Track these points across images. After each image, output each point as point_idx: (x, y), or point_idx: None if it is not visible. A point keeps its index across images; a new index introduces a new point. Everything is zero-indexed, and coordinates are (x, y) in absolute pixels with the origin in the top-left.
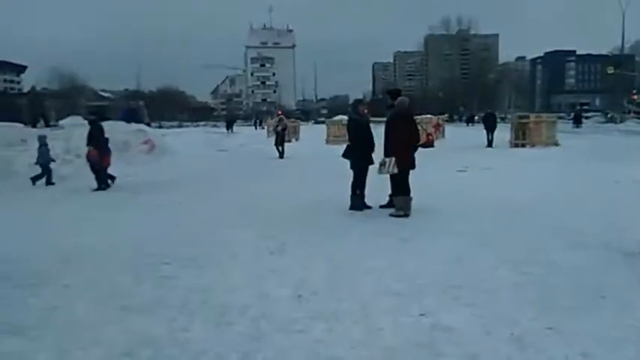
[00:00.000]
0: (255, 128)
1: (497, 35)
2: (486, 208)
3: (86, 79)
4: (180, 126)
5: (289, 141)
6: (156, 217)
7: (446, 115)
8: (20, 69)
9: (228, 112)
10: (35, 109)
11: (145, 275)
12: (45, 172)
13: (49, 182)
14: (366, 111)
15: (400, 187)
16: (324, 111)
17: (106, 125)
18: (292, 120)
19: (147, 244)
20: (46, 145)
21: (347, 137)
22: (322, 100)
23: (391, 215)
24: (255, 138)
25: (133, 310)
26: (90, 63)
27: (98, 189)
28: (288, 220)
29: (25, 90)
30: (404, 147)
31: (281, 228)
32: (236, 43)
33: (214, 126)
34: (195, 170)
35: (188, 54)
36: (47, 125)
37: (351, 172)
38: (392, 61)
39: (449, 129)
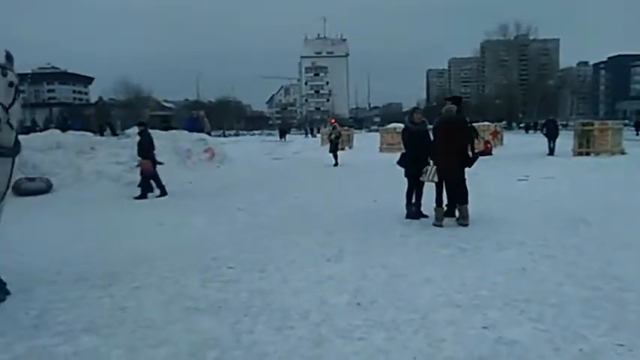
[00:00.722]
0: (306, 136)
1: (557, 40)
2: (549, 218)
3: (150, 89)
4: (236, 134)
5: (343, 149)
6: (218, 223)
7: (504, 123)
8: (88, 80)
9: (282, 121)
10: (102, 118)
11: (210, 278)
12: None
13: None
14: (422, 119)
15: (439, 196)
16: (377, 119)
17: (170, 134)
18: (346, 128)
19: (211, 248)
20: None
21: (401, 145)
22: (375, 108)
23: (433, 224)
24: (308, 146)
25: (198, 312)
26: (153, 74)
27: (161, 195)
28: (344, 228)
29: (92, 100)
30: (447, 155)
31: (337, 235)
32: (291, 53)
33: (269, 134)
34: (252, 178)
35: (245, 65)
36: (114, 134)
37: (406, 180)
38: (447, 67)
39: (507, 136)
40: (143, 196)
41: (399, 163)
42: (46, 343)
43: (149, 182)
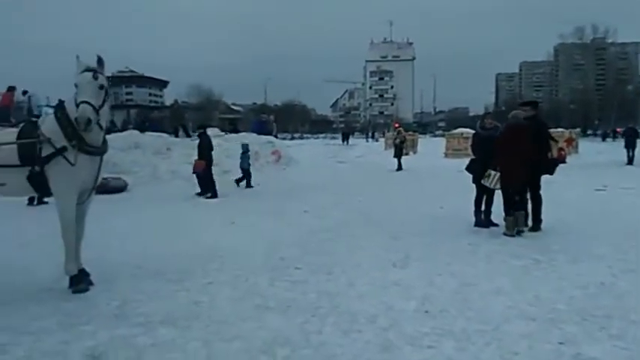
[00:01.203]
0: (367, 140)
1: (637, 43)
2: (630, 231)
3: (220, 93)
4: (300, 137)
5: (407, 154)
6: (285, 224)
7: (578, 129)
8: (163, 84)
9: (345, 125)
10: (176, 120)
11: (279, 277)
12: (246, 176)
13: (248, 185)
14: (493, 124)
15: (506, 204)
16: (442, 123)
17: (239, 136)
18: (410, 133)
19: (279, 248)
20: (248, 152)
21: (469, 151)
22: (440, 112)
23: (504, 234)
24: (372, 150)
25: (268, 310)
26: (224, 79)
27: (210, 197)
28: (409, 233)
29: (167, 103)
30: (511, 163)
31: (403, 240)
32: (356, 57)
33: (332, 138)
34: (317, 180)
35: (312, 69)
36: (187, 135)
37: (474, 187)
38: (517, 71)
39: (583, 144)
40: (213, 195)
41: (468, 169)
42: (127, 333)
43: (212, 181)
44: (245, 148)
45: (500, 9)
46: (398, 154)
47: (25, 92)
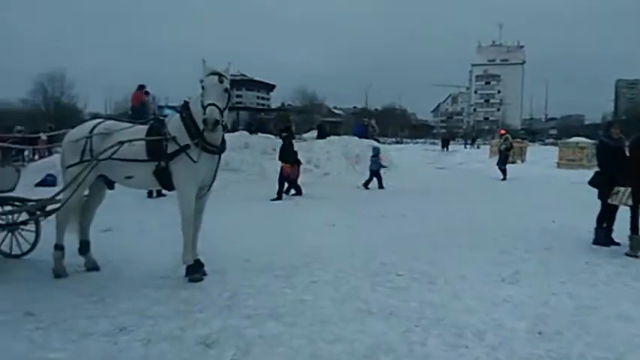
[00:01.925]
0: (465, 147)
1: None
2: None
3: (323, 97)
4: (399, 142)
5: (514, 162)
6: (385, 228)
7: None
8: (270, 88)
9: (446, 130)
10: (283, 122)
11: (380, 283)
12: (373, 177)
13: (380, 186)
14: (620, 134)
15: (634, 222)
16: (554, 131)
17: (342, 140)
18: (518, 140)
19: (379, 253)
20: (379, 155)
21: (585, 162)
22: (552, 119)
23: (626, 254)
24: (474, 157)
25: (370, 315)
26: (326, 83)
27: (277, 198)
28: (519, 247)
29: (273, 106)
30: None
31: (511, 254)
32: (461, 61)
33: (432, 143)
34: (416, 185)
35: (413, 73)
36: (292, 137)
37: (596, 202)
38: None
39: None
40: (298, 193)
41: (591, 182)
42: (237, 323)
43: (297, 184)
44: (376, 151)
45: (623, 10)
46: (503, 162)
47: (147, 92)
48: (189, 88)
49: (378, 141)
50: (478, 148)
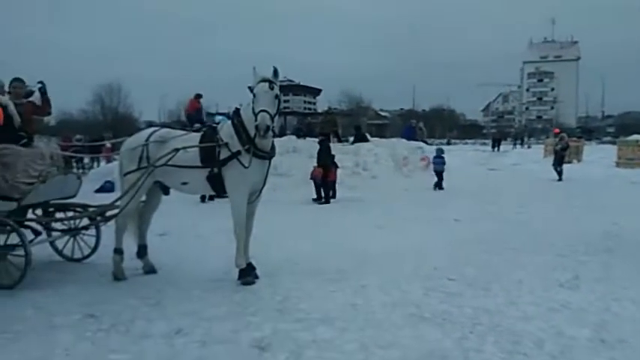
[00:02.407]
0: (514, 147)
1: None
2: None
3: (369, 100)
4: (448, 143)
5: (570, 162)
6: (435, 232)
7: None
8: (317, 92)
9: (497, 130)
10: (329, 126)
11: (432, 288)
12: (440, 178)
13: (440, 187)
14: None
15: None
16: (611, 129)
17: (389, 142)
18: (574, 139)
19: (430, 257)
20: (443, 155)
21: None
22: (609, 117)
23: None
24: (527, 157)
25: (423, 320)
26: (372, 85)
27: (317, 200)
28: (578, 250)
29: (319, 110)
30: None
31: (570, 258)
32: (512, 59)
33: (483, 144)
34: (467, 188)
35: (461, 73)
36: (339, 141)
37: None
38: None
39: None
40: (325, 201)
41: None
42: (289, 327)
43: (326, 188)
44: (439, 152)
45: None
46: (559, 162)
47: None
48: (240, 95)
49: (427, 143)
50: (529, 147)
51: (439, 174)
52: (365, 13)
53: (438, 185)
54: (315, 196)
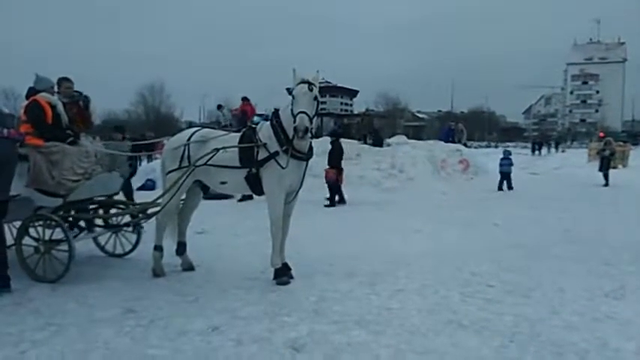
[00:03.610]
0: (548, 151)
1: None
2: None
3: (406, 101)
4: (487, 146)
5: (615, 167)
6: (474, 236)
7: None
8: (353, 93)
9: (539, 133)
10: (366, 128)
11: (470, 294)
12: (504, 179)
13: (510, 188)
14: None
15: None
16: None
17: (426, 144)
18: (620, 144)
19: (468, 262)
20: (510, 156)
21: None
22: None
23: None
24: (570, 161)
25: (461, 327)
26: (410, 87)
27: (330, 205)
28: (625, 260)
29: (355, 111)
30: None
31: (616, 267)
32: (555, 60)
33: (524, 147)
34: (507, 192)
35: (502, 74)
36: (375, 144)
37: None
38: None
39: None
40: (331, 204)
41: None
42: (324, 329)
43: (336, 190)
44: (506, 154)
45: None
46: (605, 167)
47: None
48: (279, 97)
49: (466, 145)
50: (563, 152)
51: (506, 175)
52: (403, 15)
53: (508, 186)
54: (327, 202)
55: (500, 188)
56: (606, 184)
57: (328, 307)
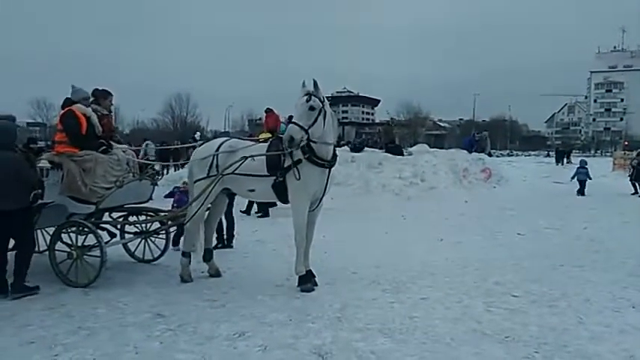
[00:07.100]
0: (557, 164)
1: None
2: None
3: (428, 110)
4: (510, 154)
5: None
6: (497, 246)
7: None
8: (375, 103)
9: (562, 142)
10: (388, 137)
11: (494, 303)
12: (581, 187)
13: (582, 194)
14: None
15: None
16: None
17: (448, 153)
18: None
19: (492, 272)
20: (586, 166)
21: None
22: None
23: None
24: (596, 170)
25: (485, 337)
26: (431, 95)
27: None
28: None
29: (377, 120)
30: None
31: None
32: (578, 69)
33: (547, 155)
34: (531, 202)
35: (524, 82)
36: (397, 153)
37: None
38: None
39: None
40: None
41: None
42: (348, 336)
43: None
44: (583, 163)
45: None
46: (636, 177)
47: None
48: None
49: (490, 155)
50: (570, 162)
51: (582, 182)
52: (426, 24)
53: (581, 192)
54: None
55: (581, 193)
56: (636, 193)
57: (352, 314)
